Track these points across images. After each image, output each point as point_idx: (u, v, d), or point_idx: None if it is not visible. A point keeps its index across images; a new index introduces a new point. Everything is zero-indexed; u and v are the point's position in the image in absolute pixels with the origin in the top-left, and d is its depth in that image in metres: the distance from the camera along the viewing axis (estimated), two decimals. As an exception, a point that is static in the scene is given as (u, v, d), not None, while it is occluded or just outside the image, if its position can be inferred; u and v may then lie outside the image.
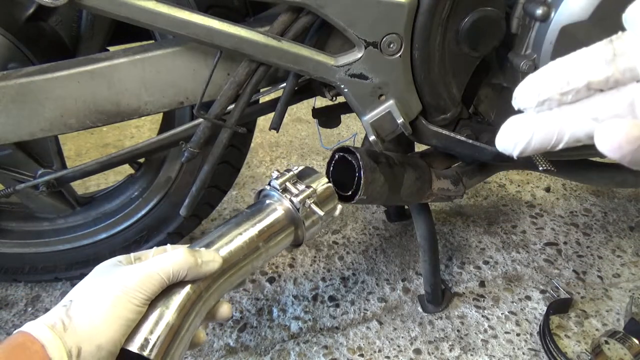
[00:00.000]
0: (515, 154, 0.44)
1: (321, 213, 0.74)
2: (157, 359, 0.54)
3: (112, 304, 0.54)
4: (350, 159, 0.86)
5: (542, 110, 0.43)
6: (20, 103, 0.77)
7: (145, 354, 0.54)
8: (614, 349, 1.06)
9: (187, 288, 0.60)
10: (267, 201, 0.75)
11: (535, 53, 0.80)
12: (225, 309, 0.67)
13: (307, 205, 0.73)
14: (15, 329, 1.10)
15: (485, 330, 1.12)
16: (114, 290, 0.54)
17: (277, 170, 0.76)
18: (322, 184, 0.78)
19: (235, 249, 0.67)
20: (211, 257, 0.62)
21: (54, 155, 1.00)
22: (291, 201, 0.73)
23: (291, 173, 0.77)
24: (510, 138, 0.44)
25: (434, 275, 1.14)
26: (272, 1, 0.80)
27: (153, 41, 0.92)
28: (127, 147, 0.92)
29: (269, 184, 0.75)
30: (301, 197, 0.73)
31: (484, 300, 1.20)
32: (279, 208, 0.73)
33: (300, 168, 0.80)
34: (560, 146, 0.43)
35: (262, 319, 1.15)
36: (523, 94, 0.44)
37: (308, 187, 0.75)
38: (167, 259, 0.58)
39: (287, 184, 0.75)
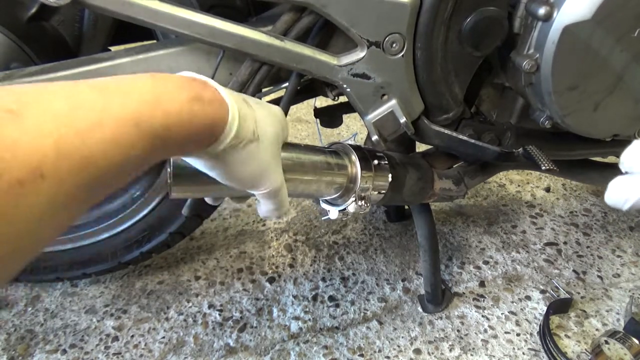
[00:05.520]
0: (625, 208, 0.53)
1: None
2: None
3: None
4: None
5: None
6: (23, 102, 0.77)
7: None
8: (614, 349, 1.06)
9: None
10: (343, 149, 0.84)
11: (537, 53, 0.80)
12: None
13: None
14: (15, 329, 1.11)
15: (485, 330, 1.12)
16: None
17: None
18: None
19: (306, 158, 0.74)
20: None
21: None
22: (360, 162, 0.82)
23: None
24: (621, 195, 0.53)
25: (434, 275, 1.14)
26: (275, 1, 0.80)
27: (155, 41, 0.92)
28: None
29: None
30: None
31: (484, 300, 1.21)
32: (348, 157, 0.82)
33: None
34: None
35: (262, 319, 1.15)
36: (631, 159, 0.53)
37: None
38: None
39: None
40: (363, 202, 0.83)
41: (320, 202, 0.88)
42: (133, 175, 0.46)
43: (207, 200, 0.72)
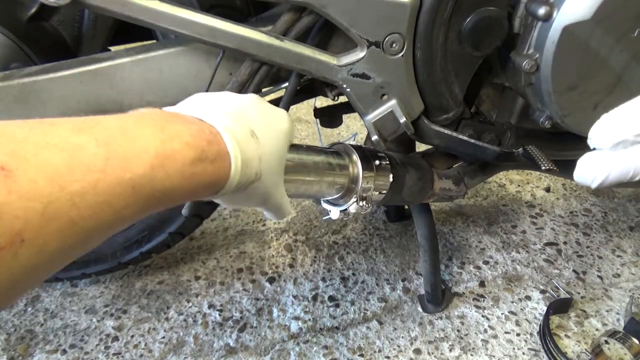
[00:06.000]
0: (593, 186, 0.52)
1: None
2: None
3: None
4: None
5: (617, 149, 0.48)
6: (23, 103, 0.77)
7: None
8: (614, 349, 1.06)
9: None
10: (345, 149, 0.84)
11: (537, 53, 0.80)
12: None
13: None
14: (15, 329, 1.11)
15: (485, 330, 1.12)
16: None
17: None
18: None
19: (309, 159, 0.74)
20: None
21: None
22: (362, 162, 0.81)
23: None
24: (589, 172, 0.52)
25: (434, 275, 1.14)
26: (275, 1, 0.80)
27: (155, 41, 0.92)
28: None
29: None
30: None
31: (484, 300, 1.21)
32: (350, 157, 0.82)
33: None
34: (637, 179, 0.50)
35: (262, 319, 1.15)
36: (598, 135, 0.53)
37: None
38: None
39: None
40: (364, 202, 0.83)
41: (322, 202, 0.88)
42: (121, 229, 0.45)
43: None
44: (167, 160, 0.44)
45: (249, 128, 0.56)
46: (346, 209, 0.83)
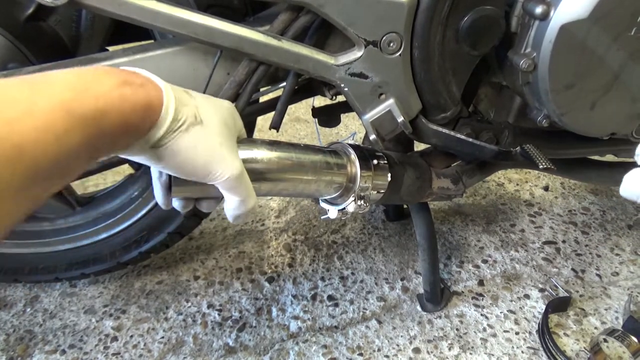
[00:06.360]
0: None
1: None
2: None
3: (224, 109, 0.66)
4: None
5: None
6: (20, 103, 0.77)
7: None
8: (612, 347, 1.07)
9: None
10: (343, 149, 0.85)
11: (534, 52, 0.80)
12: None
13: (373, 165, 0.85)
14: (14, 330, 1.11)
15: (484, 329, 1.13)
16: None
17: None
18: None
19: (307, 158, 0.75)
20: None
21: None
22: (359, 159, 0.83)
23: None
24: (637, 188, 0.54)
25: (433, 274, 1.14)
26: (272, 0, 0.80)
27: (153, 41, 0.92)
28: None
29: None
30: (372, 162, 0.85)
31: (482, 299, 1.21)
32: (348, 157, 0.84)
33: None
34: None
35: (261, 319, 1.15)
36: None
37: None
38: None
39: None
40: (362, 201, 0.83)
41: (320, 201, 0.88)
42: (77, 170, 0.47)
43: (202, 208, 0.72)
44: (91, 85, 0.47)
45: (182, 89, 0.60)
46: (344, 208, 0.83)
